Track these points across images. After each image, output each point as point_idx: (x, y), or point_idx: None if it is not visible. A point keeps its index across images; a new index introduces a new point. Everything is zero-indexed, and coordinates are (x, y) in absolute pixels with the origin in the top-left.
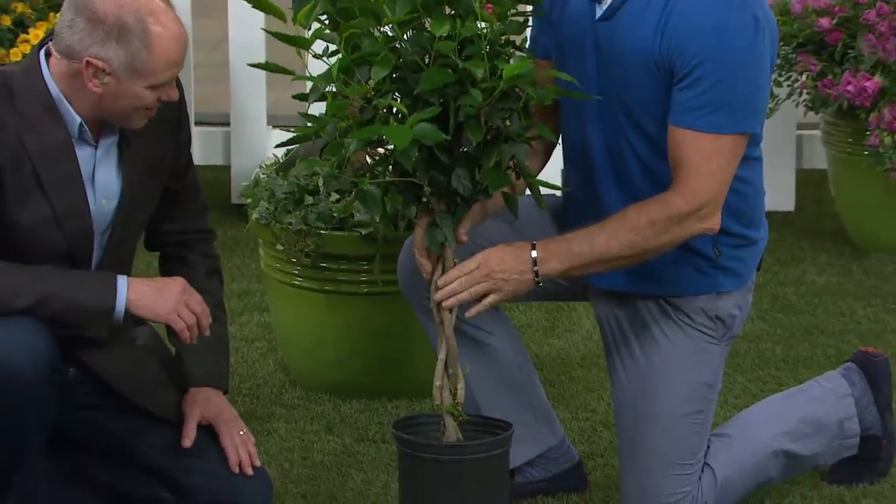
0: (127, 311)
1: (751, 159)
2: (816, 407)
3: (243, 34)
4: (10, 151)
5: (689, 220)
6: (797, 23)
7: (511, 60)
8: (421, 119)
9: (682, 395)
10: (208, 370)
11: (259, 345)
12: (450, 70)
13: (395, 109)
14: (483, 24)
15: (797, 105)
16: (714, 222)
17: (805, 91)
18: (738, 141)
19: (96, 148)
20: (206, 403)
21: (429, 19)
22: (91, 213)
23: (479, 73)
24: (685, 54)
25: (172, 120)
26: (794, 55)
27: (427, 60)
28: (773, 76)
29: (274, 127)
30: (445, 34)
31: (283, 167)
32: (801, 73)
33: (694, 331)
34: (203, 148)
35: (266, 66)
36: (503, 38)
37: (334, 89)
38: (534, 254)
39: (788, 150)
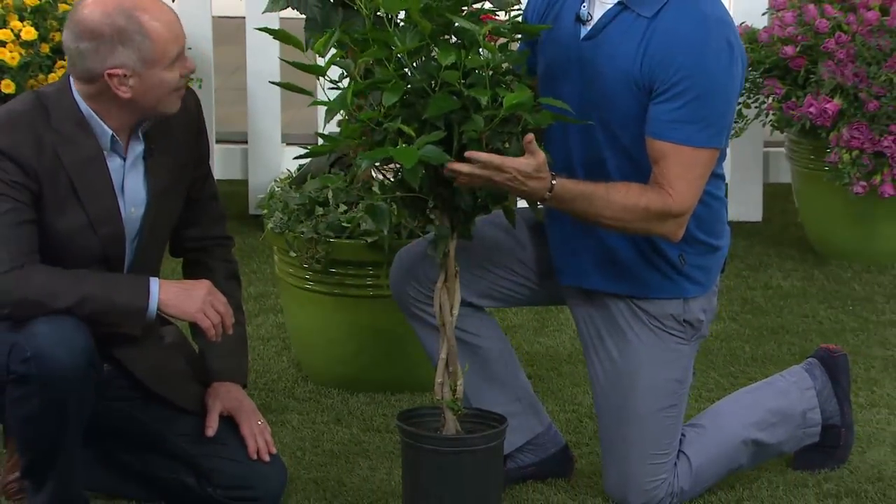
0: (157, 311)
1: (716, 175)
2: (782, 399)
3: (260, 60)
4: (48, 165)
5: (670, 221)
6: (764, 50)
7: (511, 87)
8: (427, 142)
9: (656, 392)
10: (229, 366)
11: (274, 343)
12: (454, 97)
13: (403, 132)
14: (486, 53)
15: (764, 125)
16: (682, 231)
17: (771, 112)
18: (712, 155)
19: (125, 160)
20: (227, 396)
21: (436, 49)
22: (122, 220)
23: (483, 100)
24: (666, 71)
25: (192, 134)
26: (761, 80)
27: (434, 85)
28: (743, 98)
29: (288, 144)
30: (451, 63)
31: (296, 181)
32: (767, 96)
33: (664, 333)
34: (223, 164)
35: (285, 86)
36: (504, 66)
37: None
38: (547, 194)
39: (756, 165)
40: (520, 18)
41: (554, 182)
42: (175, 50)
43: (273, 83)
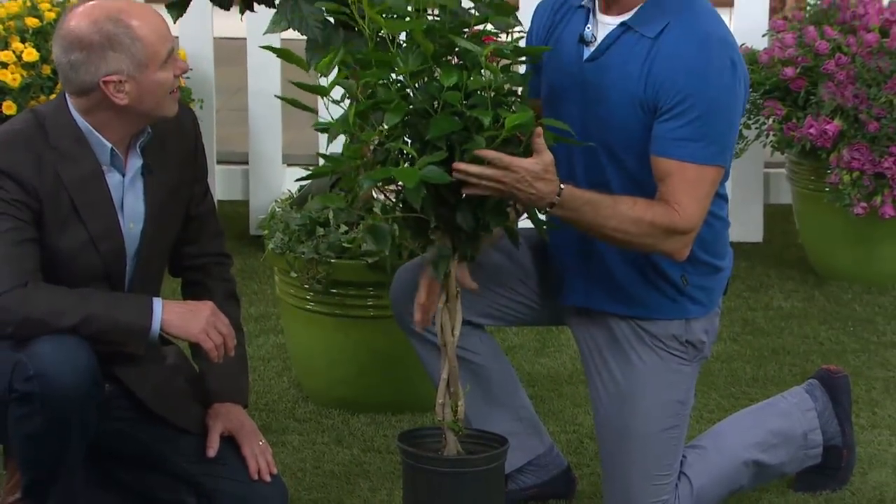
0: (160, 331)
1: (718, 195)
2: (783, 420)
3: (261, 81)
4: (49, 183)
5: (675, 238)
6: (764, 71)
7: (513, 108)
8: (429, 162)
9: (658, 413)
10: (230, 387)
11: (274, 364)
12: (456, 118)
13: (405, 152)
14: (488, 74)
15: (764, 146)
16: (688, 251)
17: (772, 133)
18: (717, 173)
19: (124, 176)
20: (227, 416)
21: (438, 70)
22: (123, 236)
23: (485, 121)
24: (670, 90)
25: (189, 150)
26: (761, 101)
27: (436, 106)
28: (743, 119)
29: (289, 165)
30: (453, 84)
31: (297, 202)
32: (768, 117)
33: (667, 354)
34: (224, 184)
35: (290, 101)
36: (506, 87)
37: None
38: (556, 199)
39: (757, 186)
40: (522, 41)
41: (562, 186)
42: (166, 49)
43: (278, 97)
